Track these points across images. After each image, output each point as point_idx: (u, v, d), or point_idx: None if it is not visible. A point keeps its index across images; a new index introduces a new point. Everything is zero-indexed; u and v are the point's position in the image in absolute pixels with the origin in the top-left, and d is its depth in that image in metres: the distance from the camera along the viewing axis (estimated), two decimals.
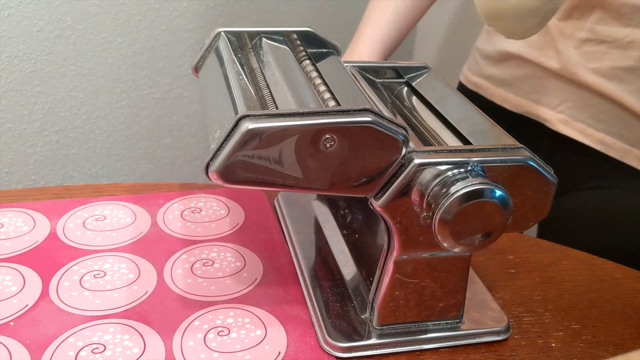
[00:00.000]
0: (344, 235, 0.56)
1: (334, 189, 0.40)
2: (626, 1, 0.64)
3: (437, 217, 0.39)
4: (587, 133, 0.70)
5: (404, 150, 0.40)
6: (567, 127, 0.71)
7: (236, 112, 0.40)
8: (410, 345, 0.47)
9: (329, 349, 0.46)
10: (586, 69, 0.68)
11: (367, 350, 0.46)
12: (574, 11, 0.68)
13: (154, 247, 0.56)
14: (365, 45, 0.77)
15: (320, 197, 0.62)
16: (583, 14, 0.67)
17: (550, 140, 0.74)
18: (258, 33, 0.55)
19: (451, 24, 1.29)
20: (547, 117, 0.73)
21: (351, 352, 0.46)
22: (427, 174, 0.40)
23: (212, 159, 0.38)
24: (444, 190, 0.39)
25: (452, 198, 0.39)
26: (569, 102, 0.71)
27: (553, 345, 0.48)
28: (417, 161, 0.40)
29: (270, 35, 0.55)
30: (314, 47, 0.55)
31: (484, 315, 0.49)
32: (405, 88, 0.57)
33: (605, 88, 0.67)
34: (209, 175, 0.38)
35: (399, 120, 0.49)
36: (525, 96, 0.74)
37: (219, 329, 0.47)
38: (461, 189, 0.39)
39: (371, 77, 0.57)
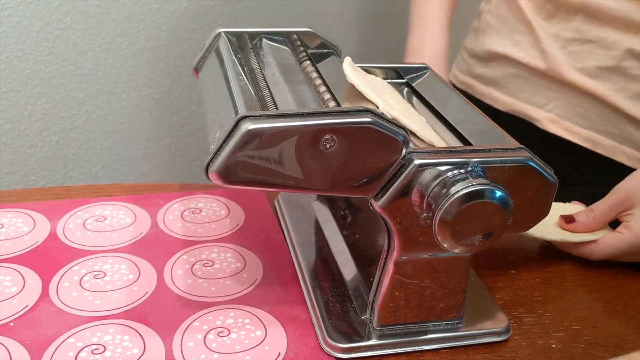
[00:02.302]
0: (344, 236, 0.56)
1: (334, 189, 0.40)
2: (605, 9, 0.65)
3: (437, 217, 0.39)
4: (574, 131, 0.71)
5: (404, 151, 0.40)
6: (555, 125, 0.72)
7: (236, 113, 0.40)
8: (411, 346, 0.47)
9: (329, 350, 0.46)
10: (572, 68, 0.69)
11: (367, 351, 0.46)
12: (559, 11, 0.69)
13: (154, 247, 0.56)
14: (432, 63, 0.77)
15: (320, 198, 0.62)
16: (568, 14, 0.68)
17: (539, 138, 0.74)
18: (258, 33, 0.55)
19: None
20: (536, 116, 0.73)
21: (351, 353, 0.46)
22: (427, 175, 0.40)
23: (212, 159, 0.38)
24: (444, 190, 0.39)
25: (453, 199, 0.39)
26: (556, 101, 0.72)
27: (553, 346, 0.48)
28: (417, 162, 0.40)
29: (270, 35, 0.55)
30: (314, 47, 0.55)
31: (484, 316, 0.49)
32: (406, 88, 0.57)
33: (590, 87, 0.68)
34: (209, 175, 0.38)
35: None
36: (513, 95, 0.75)
37: (219, 329, 0.47)
38: (461, 189, 0.39)
39: None
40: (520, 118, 0.75)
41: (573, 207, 0.59)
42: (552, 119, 0.72)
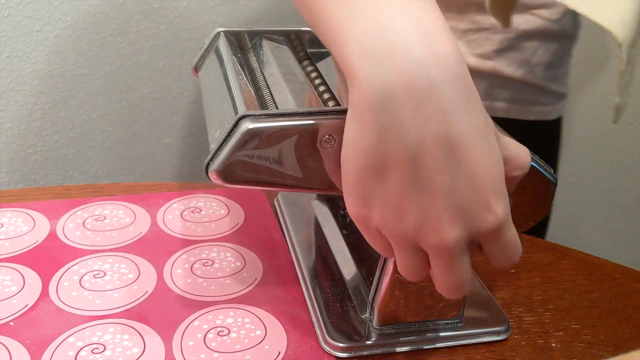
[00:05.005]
0: (343, 235, 0.56)
1: (334, 188, 0.40)
2: None
3: None
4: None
5: None
6: None
7: (236, 112, 0.40)
8: (410, 345, 0.47)
9: (329, 349, 0.46)
10: (470, 55, 0.73)
11: (367, 350, 0.46)
12: (452, 6, 0.73)
13: (154, 247, 0.56)
14: None
15: (320, 197, 0.62)
16: (461, 7, 0.72)
17: None
18: (258, 33, 0.55)
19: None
20: None
21: (351, 352, 0.46)
22: None
23: (212, 158, 0.38)
24: None
25: None
26: None
27: (553, 345, 0.48)
28: None
29: (270, 35, 0.55)
30: (314, 47, 0.55)
31: (484, 315, 0.49)
32: None
33: (485, 66, 0.73)
34: (209, 175, 0.38)
35: None
36: None
37: (219, 329, 0.47)
38: None
39: None
40: None
41: None
42: None
